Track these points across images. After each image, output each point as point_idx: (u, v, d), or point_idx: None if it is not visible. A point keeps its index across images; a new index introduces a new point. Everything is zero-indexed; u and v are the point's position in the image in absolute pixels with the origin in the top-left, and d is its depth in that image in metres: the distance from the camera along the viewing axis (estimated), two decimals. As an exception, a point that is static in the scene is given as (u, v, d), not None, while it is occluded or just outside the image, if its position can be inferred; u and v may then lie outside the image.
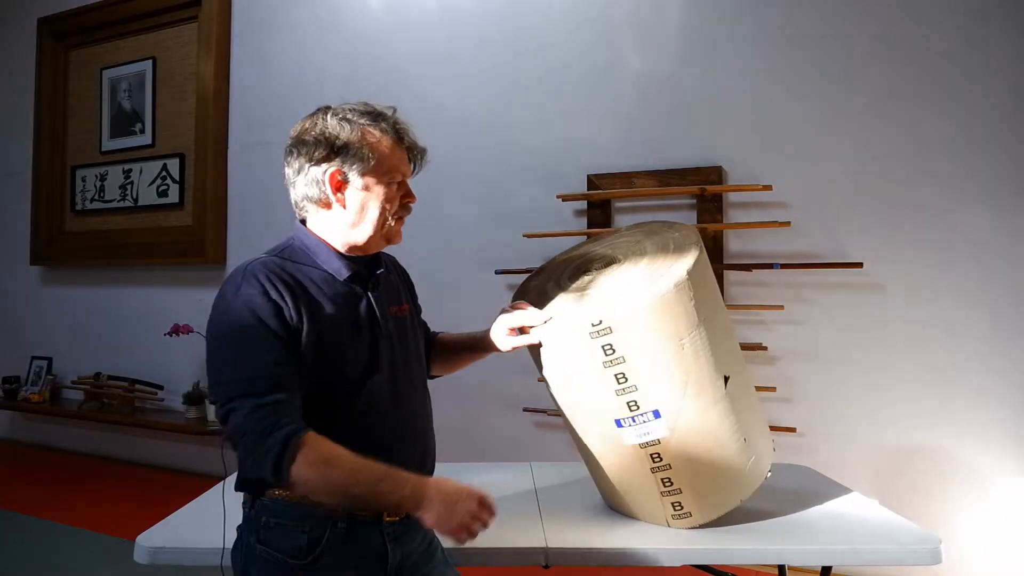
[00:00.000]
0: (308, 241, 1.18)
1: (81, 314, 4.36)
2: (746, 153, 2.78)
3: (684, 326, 1.32)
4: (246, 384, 1.03)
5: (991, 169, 2.46)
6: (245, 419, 1.01)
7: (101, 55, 4.34)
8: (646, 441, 1.38)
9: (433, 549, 1.28)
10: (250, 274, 1.09)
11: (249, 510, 1.14)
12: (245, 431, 1.01)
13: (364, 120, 1.15)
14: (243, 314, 1.05)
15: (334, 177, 1.14)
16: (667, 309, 1.30)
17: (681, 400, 1.35)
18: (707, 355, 1.36)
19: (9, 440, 4.60)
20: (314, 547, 1.09)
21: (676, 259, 1.37)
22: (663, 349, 1.32)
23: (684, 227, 1.51)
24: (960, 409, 2.46)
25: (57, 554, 2.81)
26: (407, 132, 1.20)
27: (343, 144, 1.13)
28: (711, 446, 1.41)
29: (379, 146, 1.15)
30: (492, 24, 3.26)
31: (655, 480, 1.43)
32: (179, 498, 1.72)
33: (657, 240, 1.49)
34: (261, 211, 3.73)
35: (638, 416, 1.36)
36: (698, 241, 1.42)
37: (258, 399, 1.01)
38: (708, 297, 1.39)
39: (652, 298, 1.29)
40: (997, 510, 2.42)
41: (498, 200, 3.21)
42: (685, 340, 1.33)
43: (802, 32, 2.71)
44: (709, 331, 1.35)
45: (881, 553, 1.41)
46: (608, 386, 1.35)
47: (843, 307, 2.62)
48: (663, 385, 1.34)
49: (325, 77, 3.61)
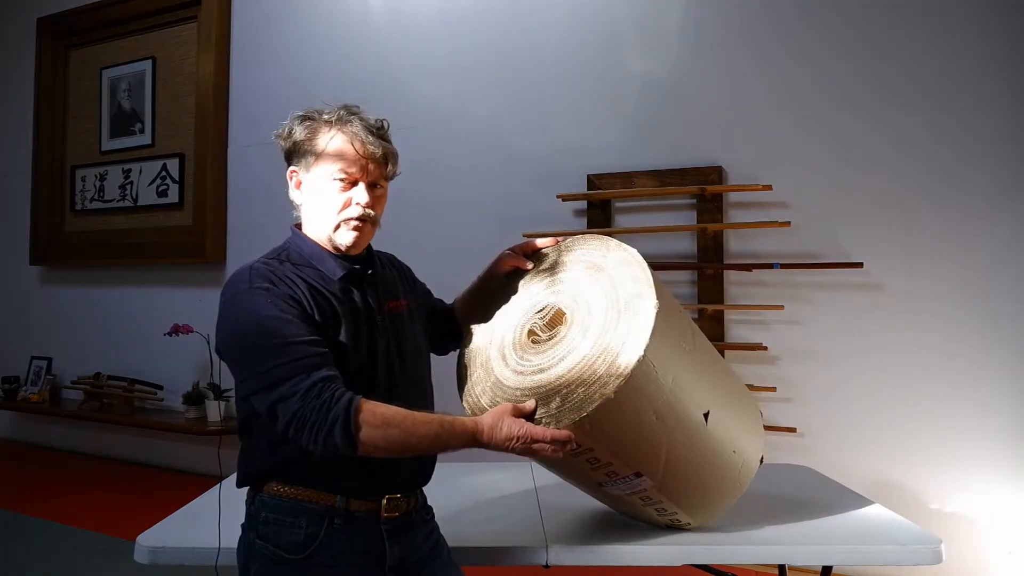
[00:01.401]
0: (301, 243, 1.20)
1: (81, 314, 4.36)
2: (746, 153, 2.78)
3: (651, 398, 1.18)
4: (289, 367, 1.02)
5: (991, 169, 2.46)
6: (302, 400, 1.01)
7: (101, 55, 4.33)
8: (631, 492, 1.34)
9: (438, 550, 1.27)
10: (256, 272, 1.11)
11: (250, 506, 1.16)
12: (305, 412, 1.01)
13: (312, 120, 1.18)
14: (264, 304, 1.06)
15: (292, 176, 1.22)
16: (627, 398, 1.14)
17: (663, 456, 1.27)
18: (684, 408, 1.25)
19: (9, 440, 4.60)
20: (310, 543, 1.09)
21: (629, 325, 1.17)
22: (631, 430, 1.20)
23: (625, 251, 1.30)
24: (960, 409, 2.46)
25: (57, 554, 2.81)
26: (359, 134, 1.16)
27: (293, 145, 1.19)
28: (700, 472, 1.36)
29: (326, 146, 1.17)
30: (492, 23, 3.26)
31: (650, 510, 1.41)
32: (179, 498, 1.72)
33: (603, 288, 1.27)
34: (261, 211, 3.72)
35: (619, 480, 1.29)
36: (649, 280, 1.21)
37: (308, 379, 1.02)
38: (674, 339, 1.24)
39: (605, 399, 1.12)
40: (998, 510, 2.41)
41: (498, 200, 3.20)
42: (658, 410, 1.20)
43: (802, 32, 2.71)
44: (681, 380, 1.23)
45: (881, 553, 1.41)
46: (583, 465, 1.26)
47: (843, 307, 2.62)
48: (639, 454, 1.25)
49: (325, 77, 3.60)
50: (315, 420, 1.00)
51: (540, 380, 1.23)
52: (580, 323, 1.25)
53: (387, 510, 1.16)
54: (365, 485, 1.14)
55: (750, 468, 1.47)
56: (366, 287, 1.20)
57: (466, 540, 1.41)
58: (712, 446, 1.34)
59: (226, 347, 1.11)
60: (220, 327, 1.11)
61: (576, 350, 1.22)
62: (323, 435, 1.01)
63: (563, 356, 1.23)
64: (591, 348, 1.19)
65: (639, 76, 2.98)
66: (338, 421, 1.00)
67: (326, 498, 1.11)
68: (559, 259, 1.41)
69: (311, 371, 1.03)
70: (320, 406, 1.01)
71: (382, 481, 1.16)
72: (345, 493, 1.12)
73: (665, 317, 1.19)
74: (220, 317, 1.11)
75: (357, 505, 1.13)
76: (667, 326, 1.21)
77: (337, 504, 1.12)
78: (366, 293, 1.20)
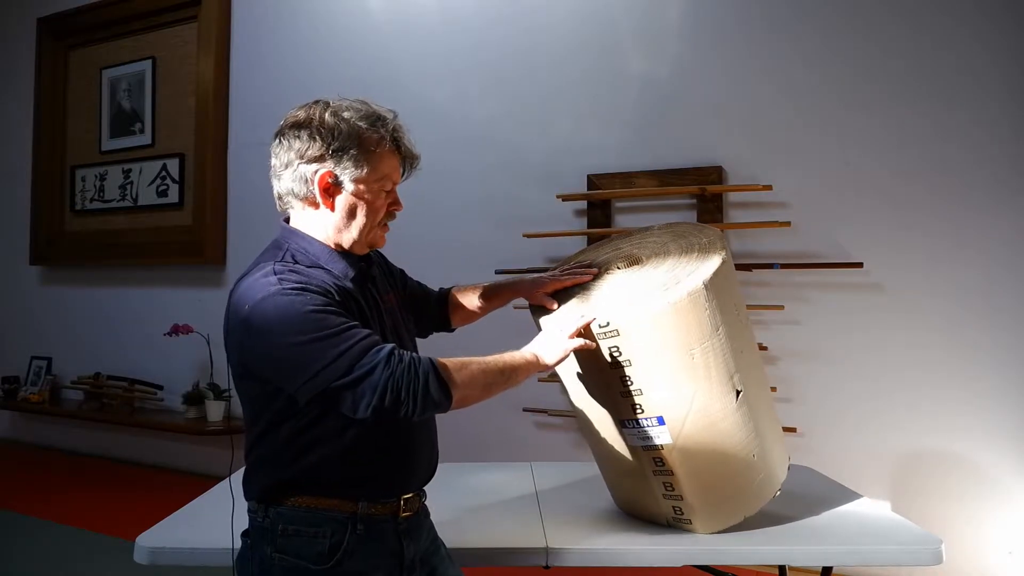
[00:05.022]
0: (305, 244, 1.14)
1: (81, 314, 4.36)
2: (746, 153, 2.77)
3: (696, 336, 1.29)
4: (358, 348, 1.01)
5: (992, 168, 2.46)
6: (385, 370, 1.00)
7: (101, 55, 4.33)
8: (648, 446, 1.38)
9: (437, 544, 1.29)
10: (281, 276, 1.05)
11: (263, 519, 1.11)
12: (396, 379, 1.00)
13: (363, 123, 1.10)
14: (302, 301, 1.02)
15: (324, 179, 1.10)
16: (678, 317, 1.27)
17: (687, 410, 1.34)
18: (719, 368, 1.33)
19: (9, 440, 4.60)
20: (335, 551, 1.09)
21: (697, 266, 1.34)
22: (671, 358, 1.30)
23: (713, 232, 1.48)
24: (960, 409, 2.46)
25: (57, 554, 2.81)
26: (404, 139, 1.16)
27: (339, 147, 1.09)
28: (716, 460, 1.39)
29: (376, 153, 1.11)
30: (492, 23, 3.26)
31: (657, 483, 1.43)
32: (179, 498, 1.72)
33: (683, 243, 1.46)
34: (261, 211, 3.68)
35: (642, 419, 1.35)
36: (724, 248, 1.38)
37: (381, 352, 1.02)
38: (728, 307, 1.35)
39: (663, 305, 1.26)
40: (998, 510, 2.41)
41: (498, 200, 3.20)
42: (696, 350, 1.30)
43: (802, 32, 2.71)
44: (724, 343, 1.32)
45: (881, 553, 1.41)
46: (615, 388, 1.35)
47: (843, 307, 2.62)
48: (668, 392, 1.33)
49: (324, 77, 3.60)
50: (409, 382, 1.01)
51: (606, 286, 1.43)
52: (655, 260, 1.45)
53: (404, 510, 1.17)
54: (384, 487, 1.15)
55: (769, 487, 1.49)
56: (369, 285, 1.20)
57: (466, 541, 1.41)
58: (734, 432, 1.38)
59: (270, 352, 1.03)
60: (251, 336, 1.04)
61: (645, 274, 1.41)
62: (420, 394, 1.02)
63: (632, 277, 1.42)
64: (663, 275, 1.37)
65: (639, 76, 2.98)
66: (429, 376, 1.03)
67: (348, 505, 1.11)
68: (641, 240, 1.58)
69: (378, 346, 1.03)
70: (406, 370, 1.02)
71: (400, 482, 1.17)
72: (366, 499, 1.12)
73: (726, 276, 1.35)
74: (249, 327, 1.03)
75: (377, 509, 1.13)
76: (728, 284, 1.37)
77: (359, 510, 1.11)
78: (370, 290, 1.20)
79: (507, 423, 3.12)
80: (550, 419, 3.03)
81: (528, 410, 3.05)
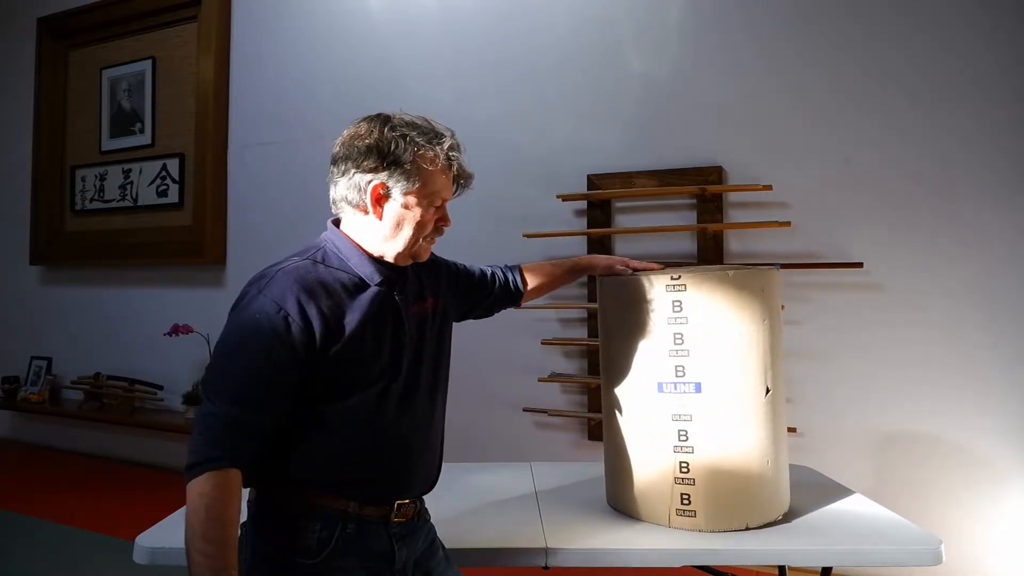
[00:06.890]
0: (341, 244, 1.18)
1: (81, 314, 4.36)
2: (746, 153, 2.77)
3: (748, 314, 1.45)
4: (226, 389, 1.03)
5: (991, 168, 2.46)
6: (205, 418, 1.02)
7: (101, 55, 4.34)
8: (677, 414, 1.45)
9: (435, 547, 1.29)
10: (274, 282, 1.09)
11: (257, 508, 1.15)
12: (201, 427, 1.03)
13: (421, 139, 1.15)
14: (249, 322, 1.06)
15: (376, 189, 1.14)
16: (742, 285, 1.45)
17: (723, 385, 1.45)
18: (758, 357, 1.46)
19: (9, 440, 4.60)
20: (324, 547, 1.10)
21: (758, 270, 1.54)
22: (722, 329, 1.44)
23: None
24: (961, 409, 2.46)
25: (57, 554, 2.81)
26: (458, 159, 1.20)
27: (394, 160, 1.13)
28: (734, 450, 1.46)
29: (428, 169, 1.15)
30: (492, 23, 3.26)
31: (675, 462, 1.47)
32: (179, 498, 1.70)
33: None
34: (261, 211, 3.72)
35: (680, 384, 1.43)
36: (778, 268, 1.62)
37: (228, 407, 1.02)
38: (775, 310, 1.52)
39: (733, 271, 1.46)
40: (998, 510, 2.41)
41: (498, 200, 3.20)
42: (744, 330, 1.45)
43: (802, 33, 2.71)
44: (767, 337, 1.47)
45: (881, 553, 1.41)
46: (665, 344, 1.47)
47: (843, 307, 2.62)
48: (712, 360, 1.45)
49: (325, 77, 3.60)
50: (196, 436, 1.02)
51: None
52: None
53: (396, 515, 1.17)
54: (377, 491, 1.15)
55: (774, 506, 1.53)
56: (396, 291, 1.20)
57: (466, 541, 1.41)
58: (756, 428, 1.46)
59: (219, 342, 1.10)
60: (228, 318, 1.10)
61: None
62: (191, 449, 1.02)
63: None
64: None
65: (639, 76, 2.98)
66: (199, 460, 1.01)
67: (340, 503, 1.12)
68: None
69: (235, 404, 1.02)
70: (210, 438, 1.01)
71: (393, 487, 1.17)
72: (359, 499, 1.13)
73: (777, 286, 1.53)
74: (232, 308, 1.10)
75: (369, 510, 1.14)
76: (775, 293, 1.52)
77: (351, 509, 1.12)
78: (399, 300, 1.19)
79: (507, 423, 3.12)
80: (550, 419, 3.03)
81: (528, 410, 3.05)
